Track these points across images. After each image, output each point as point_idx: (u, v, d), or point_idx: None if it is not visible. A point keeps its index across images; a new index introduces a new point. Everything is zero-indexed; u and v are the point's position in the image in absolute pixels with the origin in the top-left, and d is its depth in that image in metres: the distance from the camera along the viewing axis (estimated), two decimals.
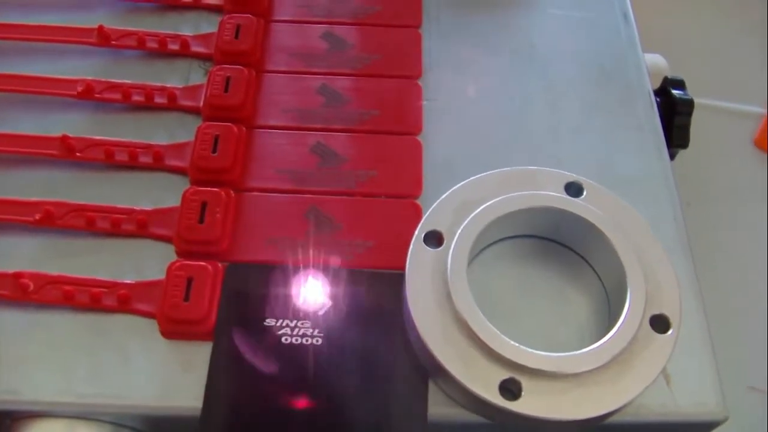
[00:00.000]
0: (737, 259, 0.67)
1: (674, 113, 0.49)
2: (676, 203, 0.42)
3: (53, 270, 0.38)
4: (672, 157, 0.47)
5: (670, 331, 0.35)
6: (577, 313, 0.38)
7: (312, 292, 0.37)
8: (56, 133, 0.42)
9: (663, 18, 0.79)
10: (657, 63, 0.57)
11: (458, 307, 0.34)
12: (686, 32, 0.81)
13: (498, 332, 0.34)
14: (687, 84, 0.53)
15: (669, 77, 0.51)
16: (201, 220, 0.38)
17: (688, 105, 0.49)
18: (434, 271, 0.36)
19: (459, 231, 0.36)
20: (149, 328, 0.36)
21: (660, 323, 0.35)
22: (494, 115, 0.45)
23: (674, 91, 0.50)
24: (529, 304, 0.38)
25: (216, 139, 0.41)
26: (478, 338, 0.33)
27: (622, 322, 0.34)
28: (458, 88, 0.46)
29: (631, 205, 0.38)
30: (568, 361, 0.33)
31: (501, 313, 0.36)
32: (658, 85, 0.53)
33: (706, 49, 0.79)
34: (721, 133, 0.74)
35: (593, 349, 0.34)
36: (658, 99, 0.48)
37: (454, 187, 0.38)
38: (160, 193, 0.41)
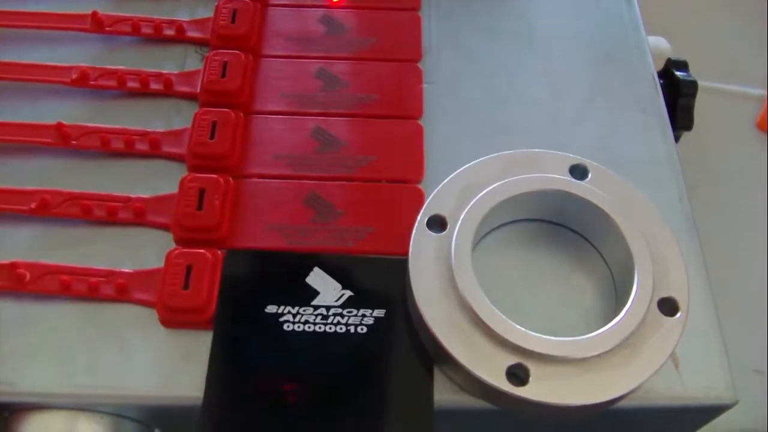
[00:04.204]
0: (739, 240, 0.67)
1: (678, 95, 0.48)
2: (681, 185, 0.41)
3: (50, 260, 0.37)
4: (676, 139, 0.46)
5: (678, 314, 0.34)
6: (583, 298, 0.37)
7: (313, 279, 0.36)
8: (51, 121, 0.41)
9: (664, 0, 0.78)
10: (660, 45, 0.57)
11: (463, 293, 0.33)
12: (689, 14, 0.80)
13: (504, 317, 0.33)
14: (689, 66, 0.52)
15: (672, 59, 0.50)
16: (199, 207, 0.37)
17: (692, 86, 0.49)
18: (438, 257, 0.35)
19: (462, 215, 0.36)
20: (148, 317, 0.36)
21: (668, 306, 0.34)
22: (495, 98, 0.44)
23: (678, 73, 0.49)
24: (535, 288, 0.37)
25: (213, 125, 0.40)
26: (484, 324, 0.33)
27: (630, 306, 0.34)
28: (459, 71, 0.45)
29: (635, 185, 0.38)
30: (576, 346, 0.32)
31: (506, 298, 0.35)
32: (660, 67, 0.52)
33: (709, 31, 0.79)
34: (723, 115, 0.73)
35: (601, 333, 0.33)
36: (661, 81, 0.48)
37: (457, 171, 0.38)
38: (157, 180, 0.40)
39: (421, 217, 0.36)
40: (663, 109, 0.44)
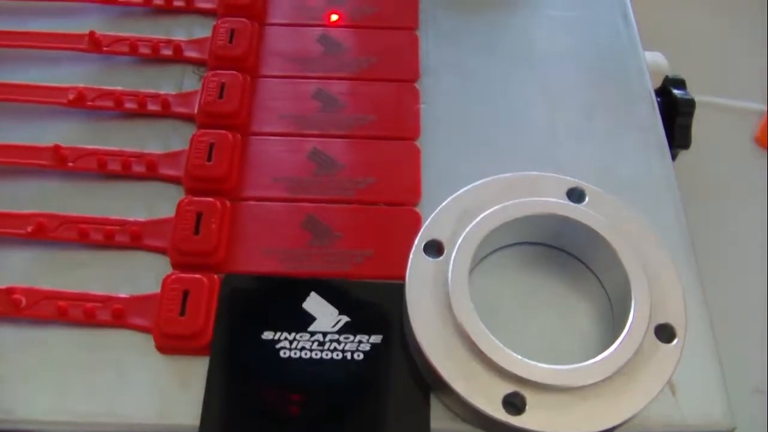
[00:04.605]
0: (737, 257, 0.67)
1: (676, 113, 0.48)
2: (679, 206, 0.41)
3: (46, 284, 0.37)
4: (673, 157, 0.46)
5: (675, 341, 0.34)
6: (580, 322, 0.37)
7: (310, 304, 0.36)
8: (48, 142, 0.41)
9: (662, 14, 0.78)
10: (657, 61, 0.57)
11: (460, 320, 0.33)
12: (685, 28, 0.80)
13: (501, 345, 0.33)
14: (686, 81, 0.52)
15: (670, 76, 0.50)
16: (196, 231, 0.37)
17: (690, 105, 0.49)
18: (435, 282, 0.35)
19: (460, 240, 0.36)
20: (145, 343, 0.36)
21: (665, 333, 0.34)
22: (493, 118, 0.44)
23: (675, 91, 0.49)
24: (532, 312, 0.37)
25: (211, 147, 0.40)
26: (481, 351, 0.33)
27: (627, 333, 0.34)
28: (456, 91, 0.45)
29: (633, 208, 0.38)
30: (573, 374, 0.32)
31: (503, 322, 0.35)
32: (657, 83, 0.52)
33: (706, 45, 0.79)
34: (721, 130, 0.73)
35: (598, 361, 0.33)
36: (658, 99, 0.48)
37: (454, 195, 0.38)
38: (155, 202, 0.40)
39: (418, 242, 0.36)
40: (660, 129, 0.44)
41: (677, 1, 0.83)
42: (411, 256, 0.36)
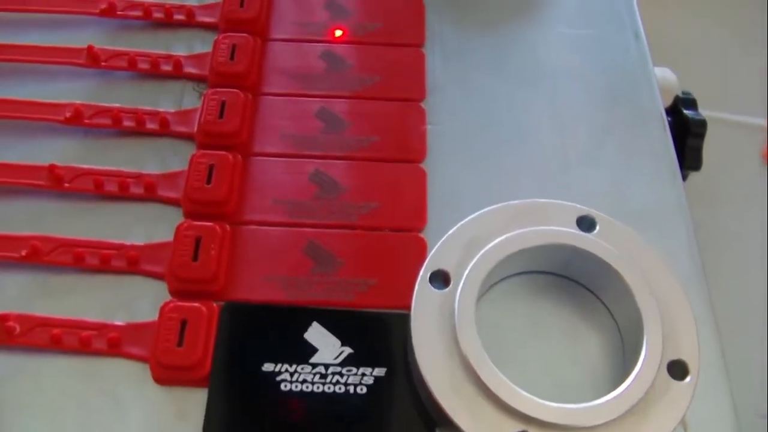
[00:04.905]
0: (745, 275, 0.66)
1: (687, 135, 0.47)
2: (691, 234, 0.40)
3: (40, 309, 0.36)
4: (684, 178, 0.45)
5: (688, 378, 0.33)
6: (589, 354, 0.36)
7: (312, 335, 0.35)
8: (43, 161, 0.40)
9: (670, 29, 0.77)
10: (666, 77, 0.55)
11: (467, 355, 0.32)
12: (694, 43, 0.79)
13: (508, 381, 0.32)
14: (694, 94, 0.51)
15: (681, 96, 0.49)
16: (195, 258, 0.36)
17: (702, 126, 0.48)
18: (441, 314, 0.34)
19: (467, 272, 0.35)
20: (141, 372, 0.35)
21: (678, 370, 0.33)
22: (501, 140, 0.43)
23: (687, 112, 0.48)
24: (540, 343, 0.36)
25: (210, 168, 0.39)
26: (488, 389, 0.32)
27: (639, 370, 0.33)
28: (464, 111, 0.44)
29: (644, 235, 0.37)
30: (582, 414, 0.31)
31: (511, 353, 0.34)
32: (668, 100, 0.51)
33: (715, 60, 0.78)
34: (729, 147, 0.72)
35: (609, 400, 0.32)
36: (669, 119, 0.47)
37: (461, 223, 0.37)
38: (153, 225, 0.39)
39: (424, 272, 0.35)
40: (672, 153, 0.43)
41: (685, 15, 0.82)
42: (416, 286, 0.35)
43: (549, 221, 0.37)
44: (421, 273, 0.35)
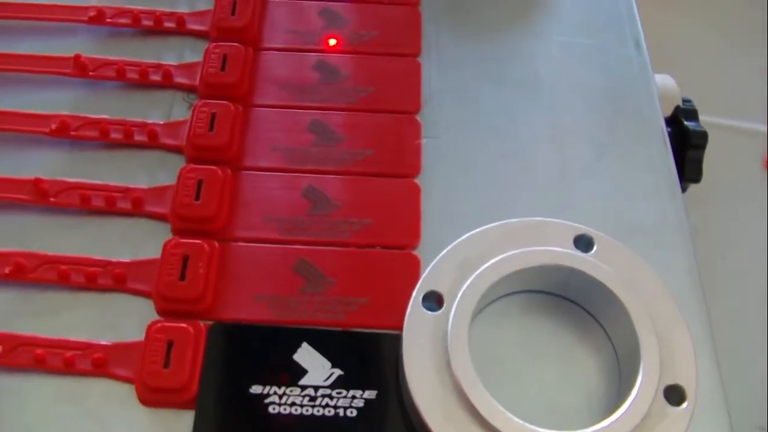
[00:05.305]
0: (744, 284, 0.65)
1: (688, 146, 0.46)
2: (690, 252, 0.39)
3: (24, 328, 0.35)
4: (683, 190, 0.44)
5: (685, 404, 0.32)
6: (585, 377, 0.35)
7: (301, 356, 0.34)
8: (28, 174, 0.39)
9: (669, 33, 0.76)
10: (667, 85, 0.54)
11: (460, 381, 0.32)
12: (693, 48, 0.78)
13: (501, 408, 0.31)
14: (693, 100, 0.50)
15: (681, 107, 0.48)
16: (182, 277, 0.35)
17: (702, 138, 0.47)
18: (433, 336, 0.33)
19: (460, 294, 0.34)
20: (127, 394, 0.34)
21: (675, 395, 0.33)
22: (498, 154, 0.42)
23: (687, 123, 0.47)
24: (536, 365, 0.35)
25: (199, 183, 0.38)
26: (481, 416, 0.31)
27: (635, 396, 0.32)
28: (460, 123, 0.43)
29: (642, 254, 0.36)
30: None
31: (505, 375, 0.34)
32: (668, 108, 0.50)
33: (715, 65, 0.77)
34: (729, 152, 0.71)
35: (603, 427, 0.31)
36: (669, 129, 0.46)
37: (455, 242, 0.36)
38: (140, 241, 0.38)
39: (416, 294, 0.34)
40: (673, 169, 0.42)
41: (685, 18, 0.81)
42: (409, 308, 0.34)
43: (546, 241, 0.36)
44: (413, 294, 0.34)
